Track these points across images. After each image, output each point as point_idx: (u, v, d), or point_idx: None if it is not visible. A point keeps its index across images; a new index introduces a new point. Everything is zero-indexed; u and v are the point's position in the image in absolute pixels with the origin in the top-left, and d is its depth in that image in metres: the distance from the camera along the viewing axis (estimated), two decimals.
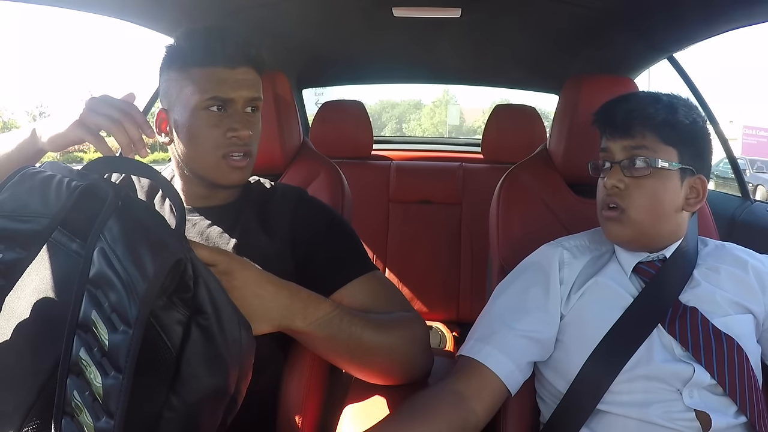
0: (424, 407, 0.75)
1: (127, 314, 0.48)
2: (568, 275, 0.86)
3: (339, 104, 2.00)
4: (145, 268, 0.49)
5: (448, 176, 1.94)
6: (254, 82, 0.84)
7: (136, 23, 1.38)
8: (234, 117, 0.82)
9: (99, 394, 0.48)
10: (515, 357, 0.81)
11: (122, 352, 0.47)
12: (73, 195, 0.54)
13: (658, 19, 1.36)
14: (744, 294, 0.82)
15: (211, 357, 0.53)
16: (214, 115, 0.81)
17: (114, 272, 0.49)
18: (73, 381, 0.50)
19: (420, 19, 1.57)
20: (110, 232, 0.51)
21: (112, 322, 0.48)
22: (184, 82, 0.81)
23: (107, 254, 0.50)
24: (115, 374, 0.47)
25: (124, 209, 0.53)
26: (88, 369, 0.49)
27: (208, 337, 0.53)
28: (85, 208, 0.54)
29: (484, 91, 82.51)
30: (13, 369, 0.55)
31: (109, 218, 0.52)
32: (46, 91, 58.80)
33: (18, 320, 0.56)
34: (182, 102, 0.81)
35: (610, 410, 0.77)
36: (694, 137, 0.84)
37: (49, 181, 0.56)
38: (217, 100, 0.80)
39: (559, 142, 1.13)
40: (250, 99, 0.83)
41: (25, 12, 76.49)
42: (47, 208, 0.54)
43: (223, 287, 0.56)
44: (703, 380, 0.75)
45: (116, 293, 0.49)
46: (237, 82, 0.81)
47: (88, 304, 0.50)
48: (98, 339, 0.49)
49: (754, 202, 1.75)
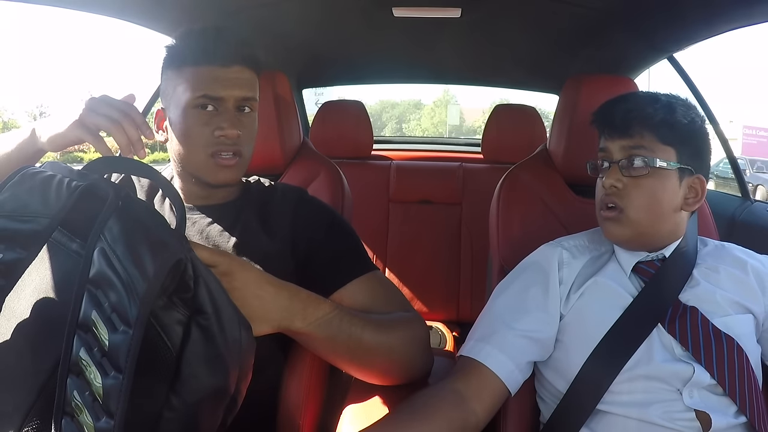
0: (424, 407, 0.75)
1: (127, 314, 0.48)
2: (567, 275, 0.86)
3: (339, 104, 2.00)
4: (145, 268, 0.49)
5: (448, 176, 1.94)
6: (248, 81, 0.84)
7: (136, 23, 1.38)
8: (223, 116, 0.81)
9: (99, 394, 0.48)
10: (515, 357, 0.81)
11: (122, 352, 0.47)
12: (73, 195, 0.54)
13: (658, 19, 1.36)
14: (744, 294, 0.82)
15: (211, 357, 0.53)
16: (204, 114, 0.81)
17: (114, 272, 0.49)
18: (73, 381, 0.50)
19: (420, 19, 1.57)
20: (110, 232, 0.51)
21: (112, 322, 0.48)
22: (178, 80, 0.82)
23: (107, 254, 0.50)
24: (115, 374, 0.47)
25: (125, 209, 0.53)
26: (88, 369, 0.49)
27: (209, 337, 0.53)
28: (86, 208, 0.54)
29: (484, 91, 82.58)
30: (13, 369, 0.55)
31: (109, 218, 0.52)
32: (46, 91, 58.84)
33: (18, 320, 0.56)
34: (176, 100, 0.82)
35: (610, 410, 0.77)
36: (693, 137, 0.84)
37: (50, 181, 0.56)
38: (208, 98, 0.80)
39: (559, 142, 1.13)
40: (242, 98, 0.82)
41: (25, 12, 76.56)
42: (47, 208, 0.54)
43: (224, 288, 0.56)
44: (703, 380, 0.75)
45: (116, 293, 0.49)
46: (229, 81, 0.81)
47: (88, 304, 0.50)
48: (98, 339, 0.49)
49: (754, 202, 1.75)
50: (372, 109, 46.14)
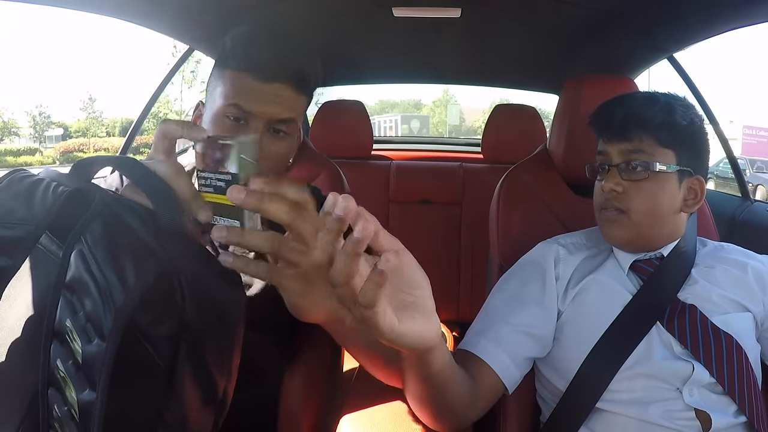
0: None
1: (102, 325, 0.44)
2: (563, 271, 0.86)
3: (339, 104, 2.00)
4: (125, 275, 0.44)
5: (448, 176, 1.95)
6: (288, 101, 0.75)
7: (136, 23, 1.38)
8: (249, 133, 0.74)
9: (75, 411, 0.45)
10: (511, 351, 0.80)
11: (96, 366, 0.44)
12: (59, 200, 0.51)
13: (658, 19, 1.36)
14: (742, 293, 0.83)
15: (199, 368, 0.50)
16: (232, 126, 0.74)
17: (91, 277, 0.45)
18: (54, 394, 0.47)
19: (420, 19, 1.57)
20: (92, 234, 0.47)
21: (86, 332, 0.45)
22: (218, 81, 0.76)
23: (86, 257, 0.46)
24: (89, 391, 0.44)
25: (113, 213, 0.49)
26: (66, 382, 0.45)
27: (196, 350, 0.50)
28: (73, 213, 0.50)
29: (484, 91, 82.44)
30: (4, 383, 0.54)
31: (92, 221, 0.48)
32: (46, 91, 58.77)
33: (9, 332, 0.54)
34: (211, 102, 0.77)
35: (610, 409, 0.77)
36: (692, 138, 0.84)
37: (36, 186, 0.53)
38: (238, 109, 0.73)
39: (558, 142, 1.13)
40: (277, 119, 0.74)
41: (26, 12, 76.54)
42: (33, 214, 0.51)
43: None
44: (702, 378, 0.75)
45: (92, 301, 0.45)
46: (265, 96, 0.73)
47: (63, 311, 0.46)
48: (73, 351, 0.45)
49: (754, 202, 1.75)
50: (372, 109, 46.13)
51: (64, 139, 30.31)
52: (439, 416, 0.72)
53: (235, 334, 0.55)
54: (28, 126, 33.64)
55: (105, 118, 35.86)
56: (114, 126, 33.38)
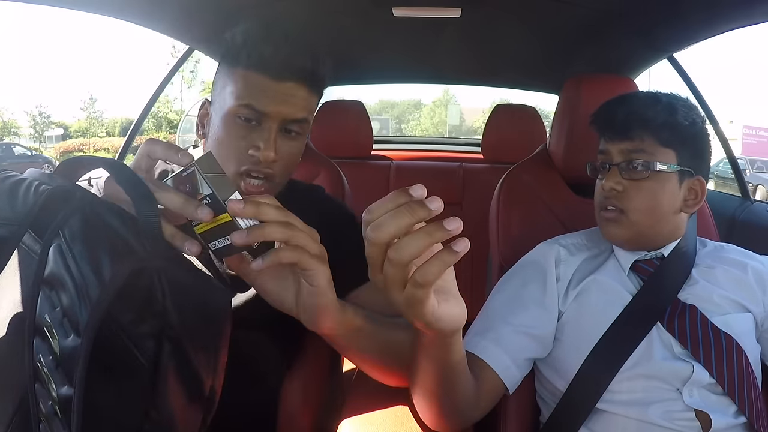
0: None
1: (78, 321, 0.44)
2: (564, 271, 0.86)
3: (339, 104, 2.00)
4: (102, 271, 0.44)
5: (448, 176, 1.95)
6: (302, 100, 0.74)
7: (136, 23, 1.38)
8: (263, 134, 0.73)
9: (57, 406, 0.45)
10: (511, 352, 0.80)
11: (74, 362, 0.44)
12: (40, 198, 0.50)
13: (658, 19, 1.36)
14: (742, 293, 0.82)
15: (184, 367, 0.50)
16: (244, 127, 0.73)
17: (68, 272, 0.45)
18: (40, 390, 0.47)
19: (420, 19, 1.57)
20: (70, 229, 0.47)
21: (63, 328, 0.44)
22: (227, 80, 0.75)
23: (63, 252, 0.46)
24: (68, 387, 0.44)
25: (93, 210, 0.49)
26: (48, 378, 0.45)
27: (180, 349, 0.49)
28: (53, 210, 0.50)
29: (484, 91, 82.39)
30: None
31: (71, 216, 0.48)
32: (46, 91, 58.76)
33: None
34: (220, 102, 0.75)
35: (610, 409, 0.77)
36: (694, 138, 0.84)
37: (18, 185, 0.52)
38: (251, 109, 0.72)
39: (558, 142, 1.13)
40: (290, 119, 0.74)
41: (26, 12, 76.54)
42: (15, 213, 0.51)
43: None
44: (702, 379, 0.75)
45: (68, 296, 0.45)
46: (279, 96, 0.72)
47: (43, 306, 0.46)
48: (52, 346, 0.45)
49: (754, 202, 1.75)
50: (372, 109, 46.12)
51: (64, 139, 30.26)
52: (445, 414, 0.72)
53: (222, 333, 0.55)
54: (28, 126, 33.63)
55: (105, 118, 35.87)
56: (114, 126, 33.36)
